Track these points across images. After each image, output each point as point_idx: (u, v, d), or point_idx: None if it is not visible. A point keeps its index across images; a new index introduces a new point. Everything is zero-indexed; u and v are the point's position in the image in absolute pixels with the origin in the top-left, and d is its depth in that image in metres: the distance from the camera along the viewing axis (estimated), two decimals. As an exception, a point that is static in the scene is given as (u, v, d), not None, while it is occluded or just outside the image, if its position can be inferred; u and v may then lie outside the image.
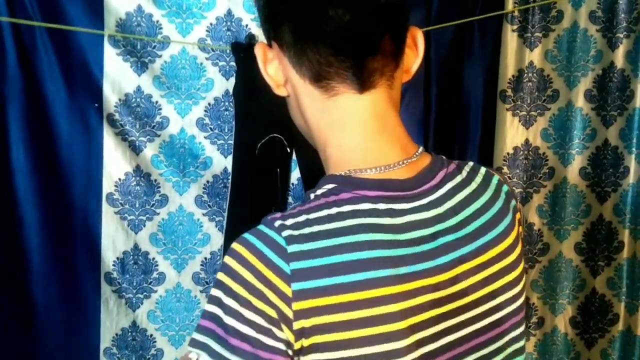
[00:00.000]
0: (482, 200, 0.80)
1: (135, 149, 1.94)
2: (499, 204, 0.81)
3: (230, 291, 0.70)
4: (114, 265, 1.97)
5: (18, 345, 1.92)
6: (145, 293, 2.02)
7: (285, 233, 0.71)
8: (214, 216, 2.03)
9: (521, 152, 2.15)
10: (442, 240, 0.75)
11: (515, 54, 2.10)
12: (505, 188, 0.84)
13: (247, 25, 1.95)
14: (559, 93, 2.14)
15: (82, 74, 1.88)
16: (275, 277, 0.69)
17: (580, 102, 2.16)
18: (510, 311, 0.81)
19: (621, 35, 2.12)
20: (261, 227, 0.73)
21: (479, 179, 0.82)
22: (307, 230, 0.71)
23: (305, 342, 0.69)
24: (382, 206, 0.73)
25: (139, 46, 1.91)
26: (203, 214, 2.02)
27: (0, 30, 1.80)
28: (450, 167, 0.81)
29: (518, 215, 0.84)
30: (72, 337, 1.97)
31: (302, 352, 0.70)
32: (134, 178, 1.95)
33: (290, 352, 0.69)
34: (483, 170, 0.84)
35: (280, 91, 0.83)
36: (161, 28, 1.91)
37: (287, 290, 0.68)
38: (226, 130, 2.00)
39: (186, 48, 1.93)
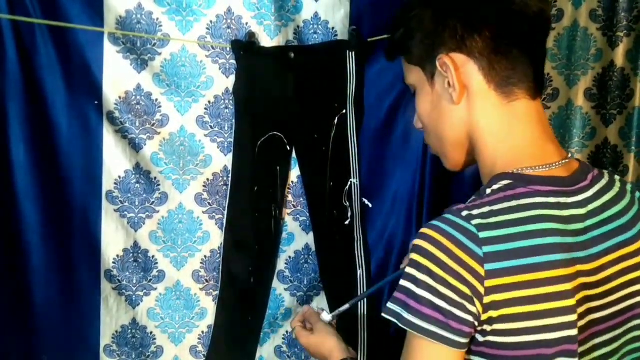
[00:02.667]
0: (623, 203, 0.92)
1: (135, 147, 1.94)
2: (635, 209, 0.93)
3: (425, 269, 0.81)
4: (114, 262, 1.97)
5: (18, 343, 1.92)
6: (145, 290, 2.02)
7: (475, 222, 0.82)
8: (214, 214, 2.03)
9: (521, 151, 2.15)
10: (591, 234, 0.87)
11: (515, 53, 2.10)
12: (638, 195, 0.97)
13: (247, 23, 1.95)
14: (558, 92, 2.15)
15: (82, 71, 1.87)
16: (470, 259, 0.80)
17: (580, 100, 2.16)
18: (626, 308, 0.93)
19: (621, 34, 2.13)
20: (448, 216, 0.84)
21: (617, 184, 0.94)
22: (493, 219, 0.82)
23: (494, 314, 0.80)
24: (552, 200, 0.85)
25: (139, 44, 1.90)
26: (203, 212, 2.02)
27: (0, 27, 1.79)
28: (595, 172, 0.94)
29: None
30: (72, 335, 1.97)
31: (488, 322, 0.81)
32: (133, 176, 1.95)
33: (476, 324, 0.81)
34: (617, 177, 0.98)
35: (461, 99, 0.90)
36: (161, 26, 1.91)
37: (481, 270, 0.80)
38: (226, 129, 1.99)
39: (186, 46, 1.93)
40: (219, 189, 2.02)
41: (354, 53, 1.98)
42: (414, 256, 0.83)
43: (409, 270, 0.83)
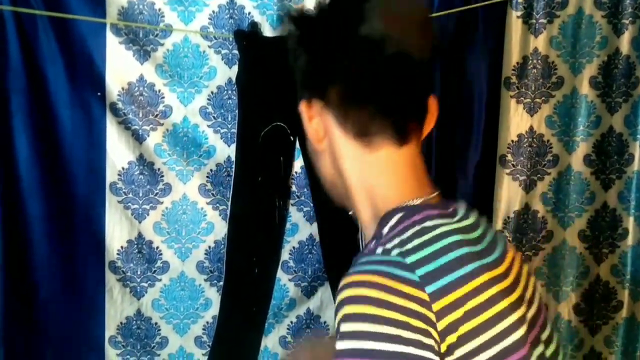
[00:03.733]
0: (483, 226, 0.90)
1: (138, 138, 1.94)
2: (492, 232, 0.91)
3: (365, 317, 0.72)
4: (118, 254, 1.97)
5: (24, 335, 1.93)
6: (149, 282, 2.02)
7: (394, 252, 0.77)
8: (218, 205, 2.03)
9: (525, 140, 2.14)
10: (486, 241, 0.86)
11: (519, 41, 2.08)
12: (494, 230, 0.95)
13: (249, 13, 1.94)
14: (563, 80, 2.13)
15: (85, 62, 1.88)
16: (408, 287, 0.73)
17: (585, 88, 2.14)
18: (538, 307, 0.89)
19: (627, 22, 2.11)
20: (364, 259, 0.78)
21: (474, 214, 0.92)
22: (409, 245, 0.78)
23: (452, 338, 0.73)
24: (445, 220, 0.83)
25: (141, 35, 1.90)
26: (207, 203, 2.02)
27: (2, 19, 1.79)
28: (454, 203, 0.93)
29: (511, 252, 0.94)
30: (77, 326, 1.98)
31: (449, 352, 0.73)
32: (137, 167, 1.95)
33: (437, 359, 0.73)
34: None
35: (320, 146, 0.90)
36: (163, 16, 1.90)
37: (423, 296, 0.73)
38: (229, 119, 1.99)
39: (189, 36, 1.92)
40: (223, 180, 2.02)
41: (357, 42, 1.97)
42: (347, 309, 0.72)
43: (344, 328, 0.72)
